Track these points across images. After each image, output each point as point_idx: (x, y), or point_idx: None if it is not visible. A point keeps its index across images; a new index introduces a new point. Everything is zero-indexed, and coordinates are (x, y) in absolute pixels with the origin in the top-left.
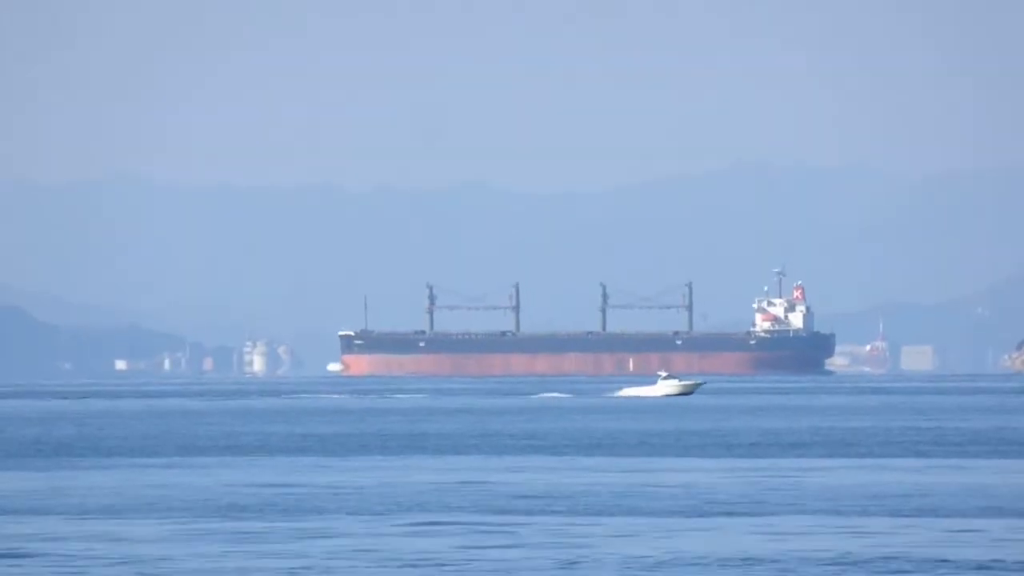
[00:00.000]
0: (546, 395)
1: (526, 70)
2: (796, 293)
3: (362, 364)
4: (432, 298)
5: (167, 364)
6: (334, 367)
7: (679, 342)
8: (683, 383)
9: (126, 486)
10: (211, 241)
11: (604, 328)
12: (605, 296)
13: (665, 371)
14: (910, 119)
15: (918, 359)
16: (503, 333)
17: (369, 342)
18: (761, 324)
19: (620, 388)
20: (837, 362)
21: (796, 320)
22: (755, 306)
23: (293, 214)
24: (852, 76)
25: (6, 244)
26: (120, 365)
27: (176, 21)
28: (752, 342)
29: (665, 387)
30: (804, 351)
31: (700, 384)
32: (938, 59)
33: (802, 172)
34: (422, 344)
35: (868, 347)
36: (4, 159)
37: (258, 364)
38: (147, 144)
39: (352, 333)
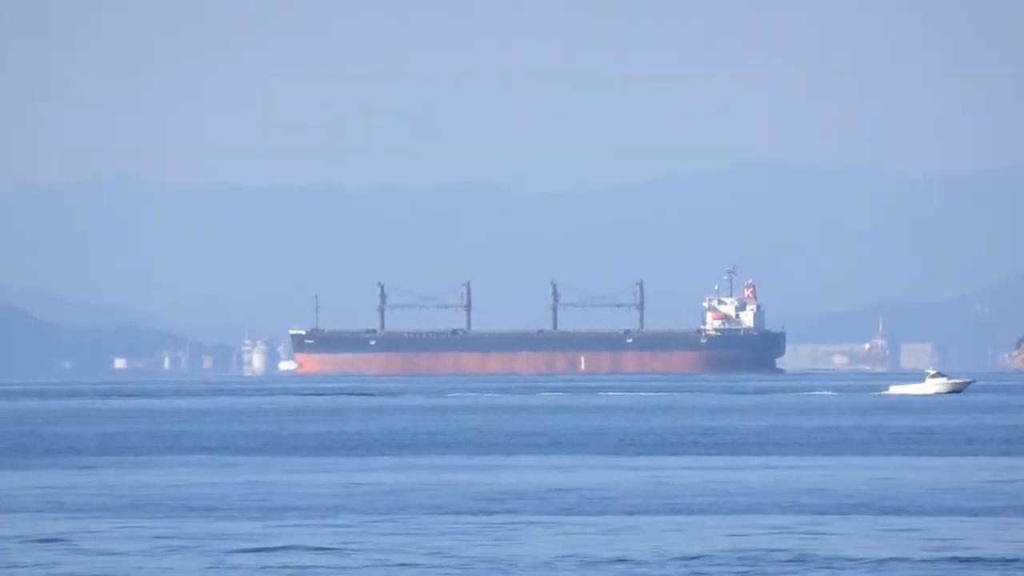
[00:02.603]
0: (816, 394)
1: (526, 70)
2: (747, 292)
3: (313, 363)
4: (383, 296)
5: (167, 363)
6: (287, 366)
7: (630, 340)
8: (952, 381)
9: None
10: (211, 240)
11: (555, 327)
12: (556, 295)
13: (932, 369)
14: (910, 119)
15: (918, 357)
16: (454, 332)
17: (319, 341)
18: (712, 323)
19: (887, 387)
20: (837, 360)
21: (747, 319)
22: (706, 305)
23: (293, 214)
24: (852, 76)
25: (6, 244)
26: (120, 364)
27: (176, 21)
28: (703, 341)
29: (934, 385)
30: (755, 350)
31: (969, 382)
32: (938, 59)
33: (802, 172)
34: (372, 343)
35: (867, 345)
36: (4, 159)
37: (257, 362)
38: (147, 144)
39: (303, 332)
